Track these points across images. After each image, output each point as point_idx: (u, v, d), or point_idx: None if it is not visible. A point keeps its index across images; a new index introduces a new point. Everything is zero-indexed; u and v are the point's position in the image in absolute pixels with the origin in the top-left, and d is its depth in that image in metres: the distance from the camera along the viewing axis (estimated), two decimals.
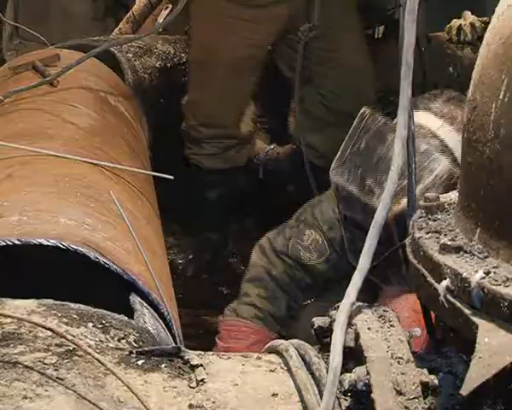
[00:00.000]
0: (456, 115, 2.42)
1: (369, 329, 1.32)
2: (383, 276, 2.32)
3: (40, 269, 1.74)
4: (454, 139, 2.37)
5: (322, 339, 1.37)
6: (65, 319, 1.41)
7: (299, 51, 3.46)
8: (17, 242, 1.64)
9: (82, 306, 1.46)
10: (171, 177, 2.51)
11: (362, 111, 2.45)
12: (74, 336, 1.35)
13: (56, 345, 1.32)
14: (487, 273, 1.24)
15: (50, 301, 1.45)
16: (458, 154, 2.28)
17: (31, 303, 1.44)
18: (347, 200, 2.46)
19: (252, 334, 2.77)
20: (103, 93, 3.01)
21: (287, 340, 1.42)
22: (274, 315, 2.81)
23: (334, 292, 2.60)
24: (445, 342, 1.43)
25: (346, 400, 1.27)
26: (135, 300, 1.65)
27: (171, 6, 4.08)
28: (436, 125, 2.42)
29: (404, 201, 1.56)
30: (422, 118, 2.43)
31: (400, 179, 1.41)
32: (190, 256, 3.77)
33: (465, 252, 1.30)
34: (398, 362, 1.27)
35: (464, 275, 1.25)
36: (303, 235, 2.77)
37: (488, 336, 1.17)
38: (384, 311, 1.38)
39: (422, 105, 2.48)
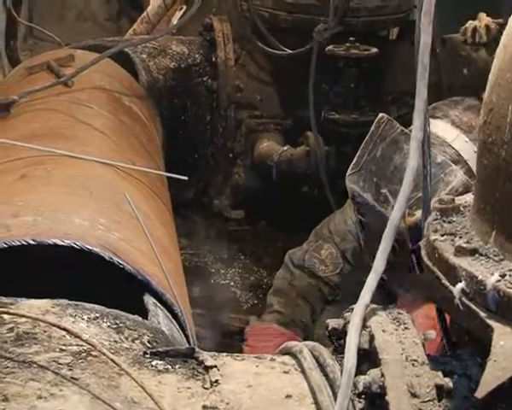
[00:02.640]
0: (474, 125, 2.41)
1: (383, 331, 1.31)
2: (398, 282, 2.31)
3: (55, 269, 1.74)
4: (470, 149, 2.36)
5: (336, 341, 1.37)
6: (79, 319, 1.41)
7: (313, 52, 3.43)
8: (32, 242, 1.64)
9: (96, 306, 1.47)
10: (185, 177, 2.51)
11: (379, 117, 2.43)
12: (89, 336, 1.35)
13: (71, 345, 1.33)
14: (503, 276, 1.23)
15: (65, 300, 1.46)
16: (473, 164, 2.28)
17: (45, 303, 1.44)
18: (363, 206, 2.46)
19: (278, 336, 2.78)
20: (117, 94, 3.01)
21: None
22: (296, 321, 2.83)
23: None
24: (460, 344, 1.42)
25: (361, 402, 1.26)
26: (149, 300, 1.65)
27: (185, 7, 4.08)
28: (452, 137, 2.41)
29: (419, 212, 1.55)
30: (439, 127, 2.42)
31: (414, 192, 1.40)
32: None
33: (480, 255, 1.29)
34: (413, 364, 1.27)
35: (480, 278, 1.24)
36: (321, 249, 2.82)
37: (504, 339, 1.17)
38: (398, 313, 1.37)
39: (441, 112, 2.47)
